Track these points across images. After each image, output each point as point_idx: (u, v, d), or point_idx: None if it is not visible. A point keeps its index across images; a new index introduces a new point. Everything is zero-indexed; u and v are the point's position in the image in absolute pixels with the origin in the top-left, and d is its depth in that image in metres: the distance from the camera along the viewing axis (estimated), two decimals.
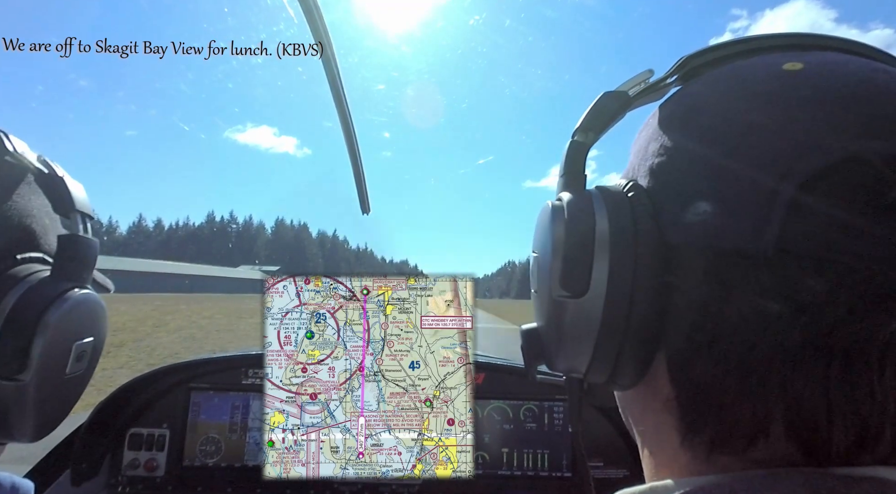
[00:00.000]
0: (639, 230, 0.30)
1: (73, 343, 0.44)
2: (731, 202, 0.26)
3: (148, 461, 1.06)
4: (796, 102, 0.27)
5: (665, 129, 0.32)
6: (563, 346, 0.33)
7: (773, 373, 0.25)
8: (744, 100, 0.29)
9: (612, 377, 0.33)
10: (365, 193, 1.25)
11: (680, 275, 0.28)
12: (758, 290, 0.25)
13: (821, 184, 0.24)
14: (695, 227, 0.27)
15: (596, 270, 0.30)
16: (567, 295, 0.31)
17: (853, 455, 0.25)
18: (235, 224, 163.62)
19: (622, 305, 0.30)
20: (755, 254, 0.25)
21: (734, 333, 0.26)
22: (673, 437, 0.30)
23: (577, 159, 0.36)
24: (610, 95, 0.37)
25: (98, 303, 0.48)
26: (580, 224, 0.31)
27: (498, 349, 1.48)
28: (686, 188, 0.29)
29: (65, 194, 0.47)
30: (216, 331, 12.85)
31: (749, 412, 0.26)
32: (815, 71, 0.28)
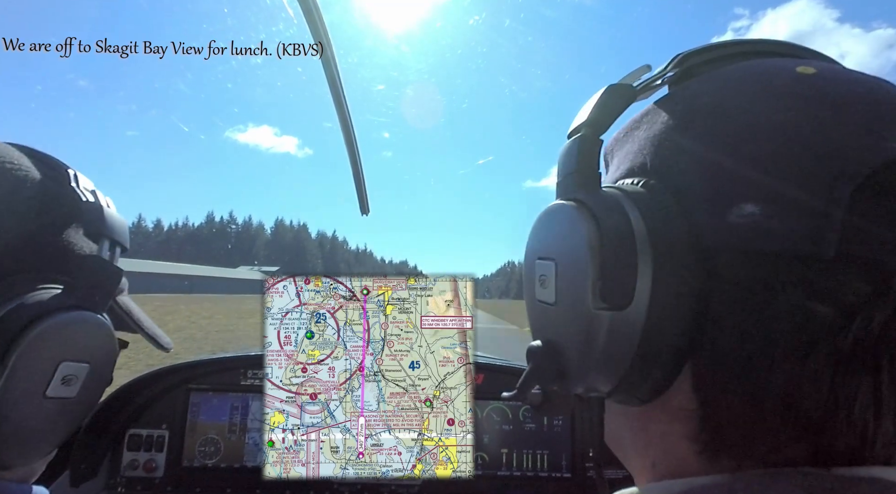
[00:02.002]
0: (676, 233, 0.28)
1: (59, 362, 0.42)
2: (785, 204, 0.25)
3: (147, 461, 1.06)
4: (828, 103, 0.27)
5: (686, 125, 0.31)
6: (591, 364, 0.30)
7: (826, 378, 0.25)
8: (775, 99, 0.28)
9: (636, 393, 0.31)
10: (364, 193, 1.25)
11: (721, 280, 0.27)
12: (809, 293, 0.25)
13: (873, 185, 0.24)
14: (740, 229, 0.26)
15: (640, 278, 0.28)
16: (607, 307, 0.28)
17: (888, 453, 0.25)
18: (235, 225, 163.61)
19: (665, 316, 0.28)
20: (812, 256, 0.24)
21: (785, 338, 0.25)
22: (683, 446, 0.30)
23: (591, 155, 0.32)
24: (616, 88, 0.34)
25: (102, 329, 0.46)
26: (618, 226, 0.28)
27: (498, 349, 1.48)
28: (725, 188, 0.27)
29: (99, 221, 0.48)
30: (216, 331, 12.83)
31: (799, 418, 0.26)
32: (830, 76, 0.28)
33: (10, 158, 0.44)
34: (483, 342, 5.75)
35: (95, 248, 0.48)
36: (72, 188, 0.48)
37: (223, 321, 15.60)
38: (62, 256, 0.45)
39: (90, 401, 0.48)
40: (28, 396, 0.41)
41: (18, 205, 0.43)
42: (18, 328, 0.39)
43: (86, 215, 0.48)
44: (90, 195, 0.49)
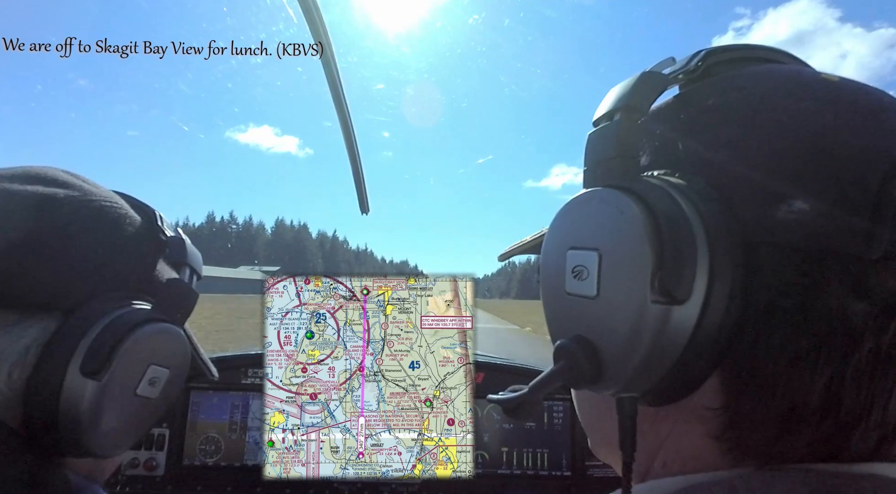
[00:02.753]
0: (728, 227, 0.27)
1: (149, 365, 0.48)
2: (835, 201, 0.25)
3: (147, 460, 1.06)
4: (863, 108, 0.27)
5: (725, 119, 0.30)
6: (636, 361, 0.28)
7: (866, 376, 0.25)
8: (815, 100, 0.28)
9: (668, 393, 0.29)
10: (364, 192, 1.25)
11: (766, 276, 0.26)
12: (856, 292, 0.25)
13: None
14: (788, 225, 0.26)
15: (699, 271, 0.26)
16: (666, 301, 0.26)
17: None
18: (235, 225, 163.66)
19: (718, 312, 0.26)
20: (860, 255, 0.24)
21: (831, 334, 0.25)
22: (705, 445, 0.29)
23: (631, 141, 0.31)
24: (651, 75, 0.32)
25: (182, 342, 0.53)
26: (675, 216, 0.27)
27: (498, 349, 1.48)
28: (772, 184, 0.27)
29: (181, 252, 0.57)
30: (216, 331, 12.84)
31: (838, 414, 0.26)
32: (853, 85, 0.29)
33: (113, 200, 0.52)
34: (483, 342, 5.71)
35: (176, 275, 0.56)
36: (158, 226, 0.56)
37: (223, 321, 15.61)
38: (150, 279, 0.53)
39: (167, 402, 0.53)
40: (123, 391, 0.47)
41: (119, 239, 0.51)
42: (124, 331, 0.45)
43: (170, 248, 0.56)
44: (171, 231, 0.58)
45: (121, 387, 0.46)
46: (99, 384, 0.44)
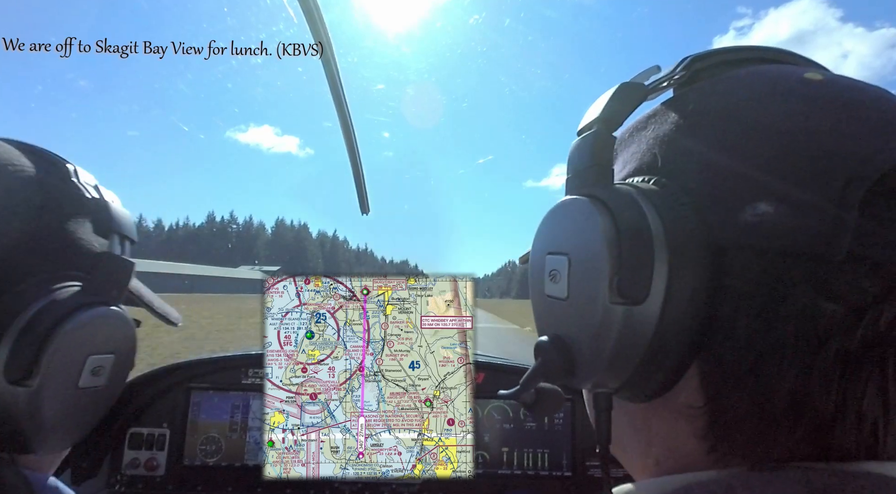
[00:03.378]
0: (691, 230, 0.28)
1: (87, 356, 0.45)
2: (798, 203, 0.25)
3: (148, 460, 1.06)
4: (839, 108, 0.27)
5: (698, 125, 0.31)
6: (604, 359, 0.30)
7: (835, 376, 0.25)
8: (787, 102, 0.29)
9: (645, 389, 0.31)
10: (364, 193, 1.25)
11: (732, 277, 0.27)
12: (819, 292, 0.25)
13: (883, 188, 0.25)
14: (753, 227, 0.26)
15: (656, 273, 0.28)
16: (624, 302, 0.28)
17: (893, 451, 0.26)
18: (236, 224, 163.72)
19: (679, 312, 0.28)
20: (823, 256, 0.25)
21: (796, 335, 0.25)
22: (691, 444, 0.30)
23: (605, 151, 0.32)
24: (629, 86, 0.34)
25: (123, 321, 0.48)
26: (634, 222, 0.28)
27: (498, 348, 1.48)
28: (739, 187, 0.27)
29: (106, 217, 0.50)
30: (216, 331, 12.85)
31: (810, 414, 0.26)
32: (837, 82, 0.29)
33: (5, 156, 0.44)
34: (484, 342, 5.69)
35: (106, 244, 0.49)
36: (73, 184, 0.49)
37: (224, 321, 15.61)
38: (73, 254, 0.47)
39: (117, 386, 0.50)
40: (63, 390, 0.43)
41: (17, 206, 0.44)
42: (46, 330, 0.41)
43: (92, 212, 0.49)
44: (94, 191, 0.50)
45: (58, 386, 0.43)
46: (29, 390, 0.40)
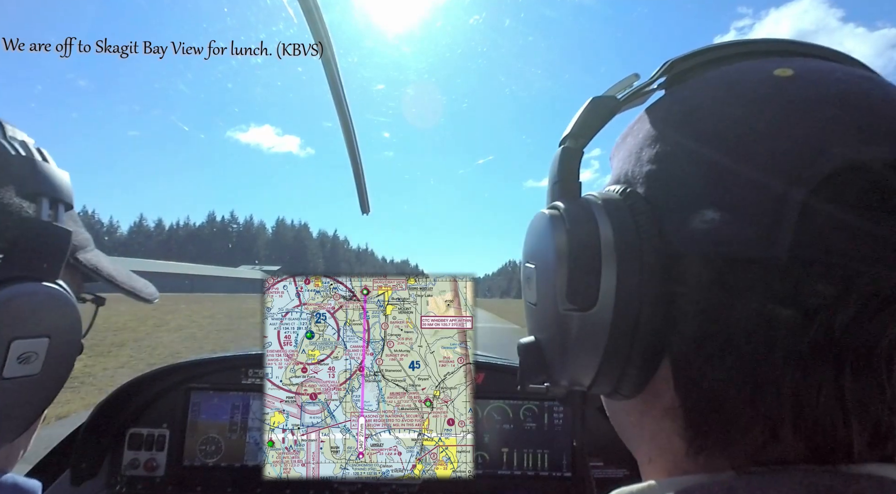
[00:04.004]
0: (643, 239, 0.29)
1: (8, 342, 0.39)
2: (740, 209, 0.26)
3: (148, 461, 1.06)
4: (794, 107, 0.27)
5: (661, 134, 0.32)
6: (568, 360, 0.32)
7: (786, 378, 0.25)
8: (741, 105, 0.29)
9: (615, 388, 0.32)
10: (365, 193, 1.25)
11: (686, 283, 0.28)
12: (768, 296, 0.25)
13: (827, 190, 0.24)
14: (701, 234, 0.27)
15: (604, 281, 0.29)
16: (573, 308, 0.30)
17: (865, 453, 0.25)
18: (236, 224, 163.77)
19: (630, 317, 0.29)
20: (766, 260, 0.25)
21: (745, 340, 0.26)
22: (675, 443, 0.30)
23: (571, 166, 0.35)
24: (599, 100, 0.36)
25: (58, 299, 0.42)
26: (584, 234, 0.30)
27: (498, 348, 1.48)
28: (689, 195, 0.28)
29: (32, 177, 0.42)
30: (216, 331, 12.85)
31: (760, 417, 0.26)
32: (806, 77, 0.29)
33: None
34: (484, 342, 5.68)
35: (33, 208, 0.42)
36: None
37: (224, 321, 15.62)
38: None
39: (60, 374, 0.45)
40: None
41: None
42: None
43: (16, 172, 0.42)
44: (20, 147, 0.43)
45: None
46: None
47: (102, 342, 8.57)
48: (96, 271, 0.51)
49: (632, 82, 0.37)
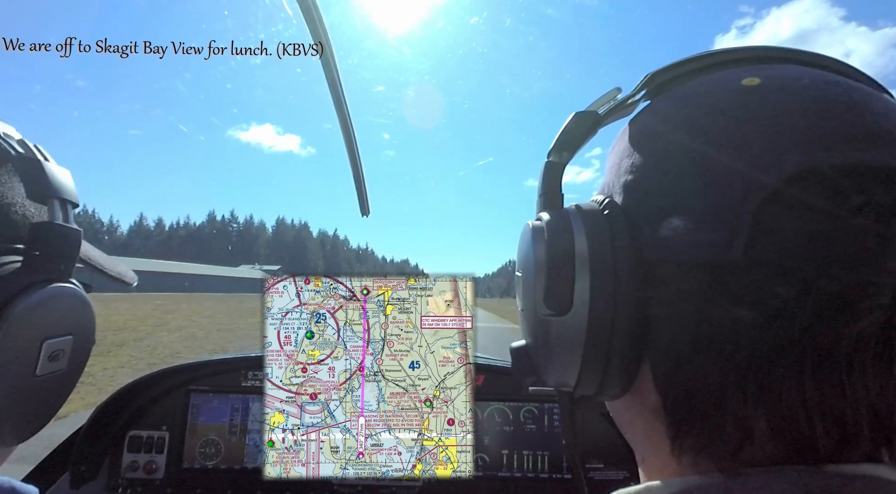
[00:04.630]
0: (616, 248, 0.31)
1: (42, 341, 0.41)
2: (702, 217, 0.28)
3: (147, 463, 1.06)
4: (755, 117, 0.28)
5: (635, 146, 0.34)
6: (551, 362, 0.34)
7: (751, 379, 0.26)
8: (706, 117, 0.30)
9: (600, 389, 0.34)
10: (364, 194, 1.25)
11: (659, 289, 0.30)
12: (731, 299, 0.26)
13: (782, 195, 0.26)
14: (669, 242, 0.29)
15: (578, 288, 0.31)
16: (551, 314, 0.32)
17: (838, 452, 0.26)
18: (236, 223, 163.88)
19: (605, 321, 0.31)
20: (727, 265, 0.26)
21: (711, 342, 0.27)
22: (663, 442, 0.31)
23: (554, 179, 0.37)
24: (580, 115, 0.38)
25: (77, 298, 0.44)
26: (560, 244, 0.32)
27: (499, 347, 1.48)
28: (658, 204, 0.30)
29: (41, 178, 0.42)
30: (217, 330, 12.86)
31: (732, 417, 0.27)
32: (772, 86, 0.30)
33: None
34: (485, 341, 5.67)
35: (45, 210, 0.43)
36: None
37: (224, 320, 15.63)
38: (6, 225, 0.41)
39: (79, 368, 0.47)
40: (18, 380, 0.40)
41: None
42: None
43: (22, 173, 0.42)
44: (19, 147, 0.43)
45: (13, 376, 0.39)
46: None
47: (102, 342, 8.57)
48: (87, 261, 0.52)
49: (615, 96, 0.38)
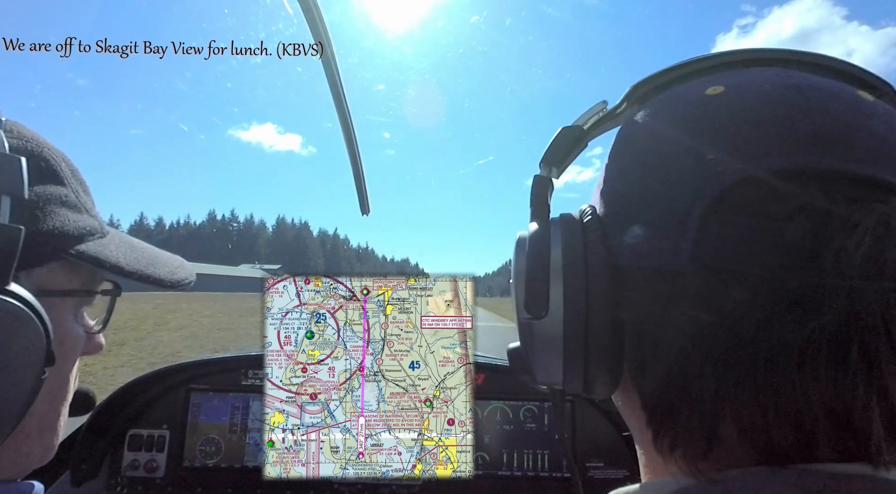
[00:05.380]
0: (589, 256, 0.33)
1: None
2: (656, 225, 0.29)
3: (148, 462, 1.06)
4: (709, 126, 0.29)
5: (611, 156, 0.36)
6: (537, 362, 0.36)
7: (707, 379, 0.27)
8: (670, 127, 0.32)
9: (586, 386, 0.35)
10: (365, 193, 1.25)
11: (628, 293, 0.31)
12: (689, 303, 0.28)
13: (724, 202, 0.27)
14: (632, 248, 0.30)
15: (553, 293, 0.33)
16: (530, 317, 0.34)
17: (801, 452, 0.26)
18: (236, 223, 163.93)
19: (578, 323, 0.33)
20: (678, 270, 0.28)
21: (672, 343, 0.29)
22: (651, 440, 0.32)
23: (541, 192, 0.39)
24: (567, 130, 0.39)
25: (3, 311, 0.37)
26: (538, 252, 0.35)
27: (499, 347, 1.49)
28: (624, 213, 0.32)
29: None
30: (217, 329, 12.86)
31: (696, 416, 0.28)
32: (732, 94, 0.30)
33: None
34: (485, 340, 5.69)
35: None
36: None
37: (225, 319, 15.63)
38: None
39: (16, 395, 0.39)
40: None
41: None
42: None
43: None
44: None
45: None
46: None
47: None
48: (99, 262, 0.47)
49: (601, 109, 0.40)
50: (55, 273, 0.46)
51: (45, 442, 0.50)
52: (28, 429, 0.46)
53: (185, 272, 0.58)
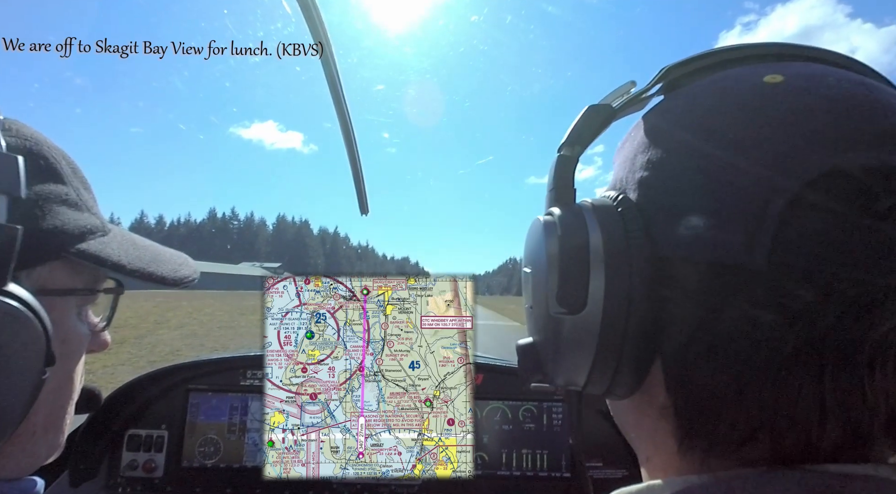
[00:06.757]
0: (632, 245, 0.30)
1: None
2: (724, 216, 0.27)
3: (146, 462, 1.06)
4: (779, 116, 0.27)
5: (652, 142, 0.32)
6: (561, 361, 0.34)
7: (769, 380, 0.26)
8: (728, 114, 0.29)
9: (610, 388, 0.33)
10: (364, 193, 1.25)
11: (674, 288, 0.29)
12: (751, 301, 0.26)
13: (807, 197, 0.25)
14: (687, 241, 0.28)
15: (592, 286, 0.30)
16: (564, 312, 0.31)
17: (841, 453, 0.26)
18: (237, 221, 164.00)
19: (619, 320, 0.30)
20: (748, 267, 0.26)
21: (730, 343, 0.27)
22: (669, 441, 0.31)
23: (566, 173, 0.36)
24: (594, 108, 0.37)
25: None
26: (574, 240, 0.31)
27: (499, 346, 1.48)
28: (677, 202, 0.29)
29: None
30: (217, 328, 12.87)
31: (744, 416, 0.27)
32: (796, 84, 0.29)
33: None
34: (485, 340, 5.67)
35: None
36: None
37: (225, 318, 15.63)
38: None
39: (17, 395, 0.39)
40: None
41: None
42: None
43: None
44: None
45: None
46: None
47: None
48: (100, 260, 0.47)
49: (629, 89, 0.37)
50: (56, 272, 0.46)
51: (51, 440, 0.50)
52: (33, 427, 0.46)
53: (188, 269, 0.57)
